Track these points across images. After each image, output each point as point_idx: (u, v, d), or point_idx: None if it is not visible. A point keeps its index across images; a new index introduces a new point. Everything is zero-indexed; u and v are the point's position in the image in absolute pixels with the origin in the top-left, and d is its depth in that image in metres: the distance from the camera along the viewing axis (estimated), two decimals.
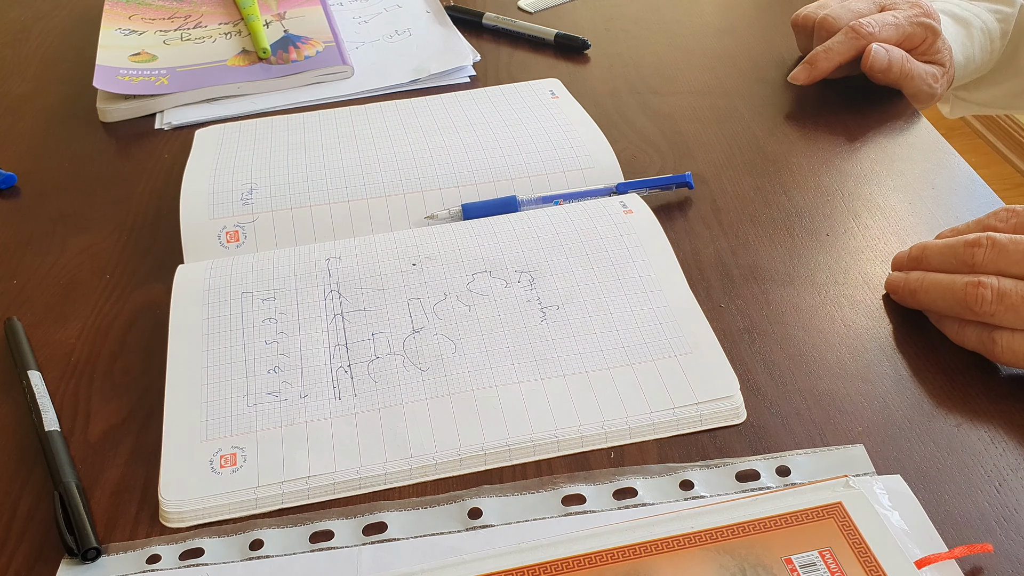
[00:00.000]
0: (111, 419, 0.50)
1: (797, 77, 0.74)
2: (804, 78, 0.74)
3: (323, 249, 0.59)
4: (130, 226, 0.66)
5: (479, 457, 0.46)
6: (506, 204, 0.62)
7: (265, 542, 0.43)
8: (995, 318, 0.48)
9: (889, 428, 0.47)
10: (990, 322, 0.48)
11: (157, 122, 0.77)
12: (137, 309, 0.58)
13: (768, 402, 0.49)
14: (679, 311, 0.53)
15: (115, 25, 0.88)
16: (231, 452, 0.47)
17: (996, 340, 0.48)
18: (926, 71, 0.73)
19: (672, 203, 0.64)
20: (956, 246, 0.51)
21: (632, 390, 0.49)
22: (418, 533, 0.43)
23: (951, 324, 0.51)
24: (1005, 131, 2.22)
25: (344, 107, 0.76)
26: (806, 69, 0.73)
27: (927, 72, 0.73)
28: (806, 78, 0.73)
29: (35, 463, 0.48)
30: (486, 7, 0.92)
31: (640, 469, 0.46)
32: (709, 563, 0.40)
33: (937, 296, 0.51)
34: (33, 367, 0.53)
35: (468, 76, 0.81)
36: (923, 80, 0.72)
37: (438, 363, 0.51)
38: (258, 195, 0.63)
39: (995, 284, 0.48)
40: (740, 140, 0.70)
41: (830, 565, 0.39)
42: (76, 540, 0.43)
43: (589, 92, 0.77)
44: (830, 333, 0.53)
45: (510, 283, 0.55)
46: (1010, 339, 0.48)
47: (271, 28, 0.87)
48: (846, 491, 0.42)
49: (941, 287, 0.50)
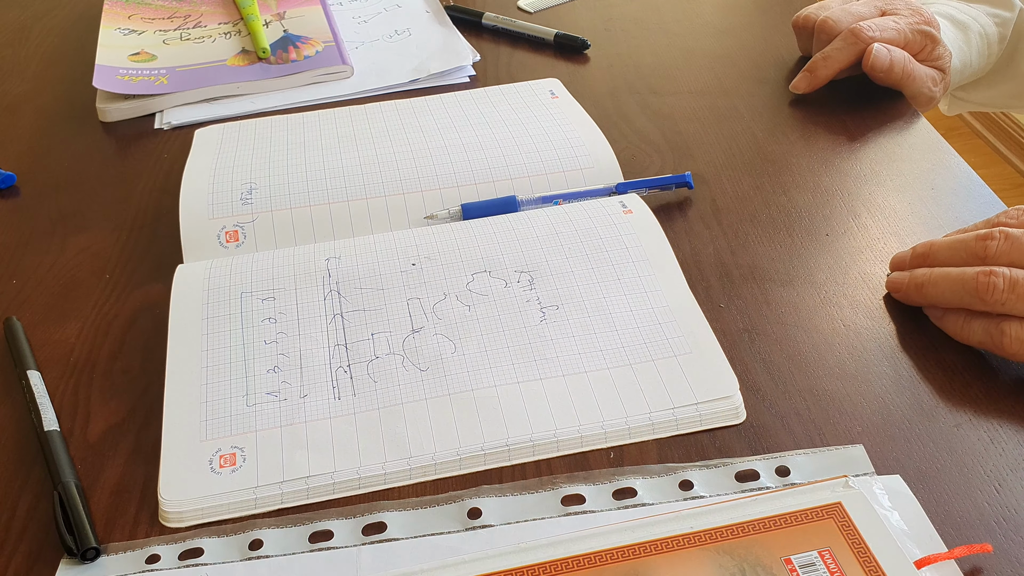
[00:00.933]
0: (111, 419, 0.50)
1: (798, 86, 0.74)
2: (805, 87, 0.74)
3: (323, 249, 0.59)
4: (130, 226, 0.66)
5: (479, 457, 0.46)
6: (506, 204, 0.62)
7: (265, 542, 0.43)
8: (1006, 307, 0.48)
9: (889, 428, 0.47)
10: (1000, 311, 0.49)
11: (157, 122, 0.77)
12: (137, 309, 0.58)
13: (768, 402, 0.49)
14: (679, 311, 0.53)
15: (115, 25, 0.88)
16: (231, 452, 0.47)
17: (1005, 331, 0.48)
18: (927, 73, 0.73)
19: (672, 203, 0.64)
20: (967, 240, 0.51)
21: (632, 390, 0.49)
22: (418, 533, 0.43)
23: (956, 319, 0.51)
24: (1005, 131, 2.22)
25: (344, 107, 0.76)
26: (806, 78, 0.73)
27: (928, 75, 0.73)
28: (807, 87, 0.74)
29: (35, 463, 0.48)
30: (486, 7, 0.92)
31: (640, 469, 0.46)
32: (709, 563, 0.40)
33: (946, 288, 0.51)
34: (33, 367, 0.53)
35: (468, 76, 0.81)
36: (924, 83, 0.72)
37: (438, 363, 0.51)
38: (258, 195, 0.63)
39: (1007, 273, 0.48)
40: (740, 140, 0.70)
41: (829, 565, 0.39)
42: (75, 540, 0.43)
43: (589, 92, 0.77)
44: (830, 333, 0.53)
45: (510, 283, 0.55)
46: (1019, 329, 0.48)
47: (271, 28, 0.87)
48: (846, 491, 0.42)
49: (950, 279, 0.50)
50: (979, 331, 0.50)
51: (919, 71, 0.72)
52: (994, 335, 0.49)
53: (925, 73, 0.73)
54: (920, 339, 0.52)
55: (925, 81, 0.73)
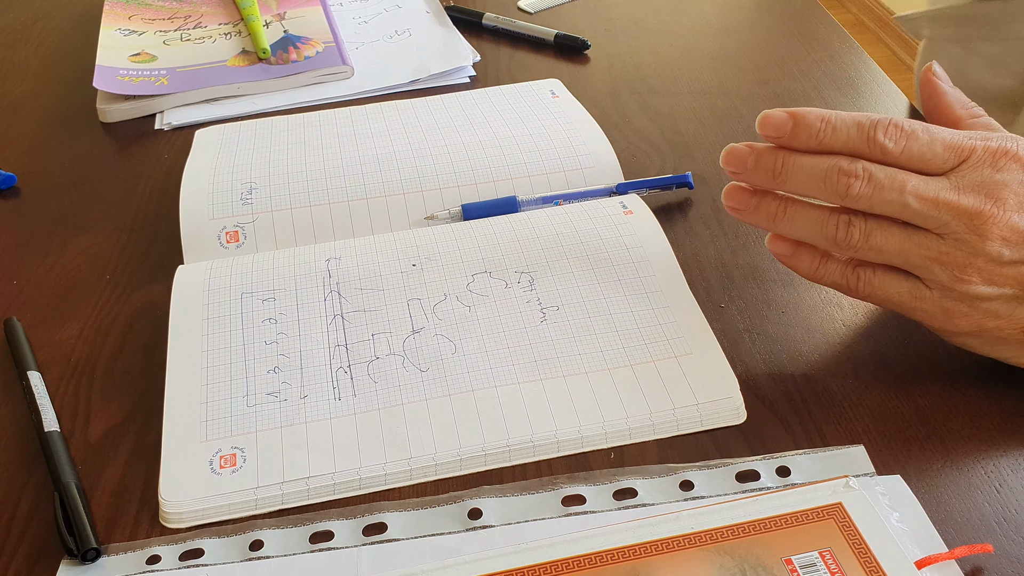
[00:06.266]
0: (111, 419, 0.50)
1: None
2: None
3: (323, 249, 0.59)
4: (130, 226, 0.66)
5: (479, 457, 0.46)
6: (506, 204, 0.62)
7: (265, 542, 0.43)
8: (859, 254, 0.47)
9: (889, 428, 0.47)
10: (854, 257, 0.47)
11: (157, 122, 0.77)
12: (137, 309, 0.58)
13: (768, 402, 0.49)
14: (679, 312, 0.53)
15: (115, 25, 0.88)
16: (231, 452, 0.47)
17: (860, 276, 0.47)
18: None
19: (672, 203, 0.64)
20: (829, 172, 0.45)
21: (632, 391, 0.49)
22: (418, 533, 0.43)
23: (810, 259, 0.49)
24: None
25: (344, 107, 0.76)
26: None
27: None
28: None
29: (35, 463, 0.48)
30: (486, 7, 0.92)
31: (640, 470, 0.46)
32: (709, 563, 0.40)
33: (802, 225, 0.47)
34: (33, 367, 0.53)
35: (468, 76, 0.81)
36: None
37: (438, 364, 0.51)
38: (258, 195, 0.63)
39: (863, 225, 0.46)
40: (740, 140, 0.70)
41: (830, 565, 0.39)
42: (76, 541, 0.43)
43: (589, 92, 0.77)
44: (830, 333, 0.53)
45: (510, 284, 0.55)
46: (871, 275, 0.47)
47: (271, 28, 0.87)
48: (846, 491, 0.42)
49: (808, 218, 0.47)
50: (835, 273, 0.48)
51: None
52: (849, 279, 0.48)
53: None
54: (920, 339, 0.52)
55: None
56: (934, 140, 0.45)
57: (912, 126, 0.45)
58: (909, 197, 0.44)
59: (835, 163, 0.45)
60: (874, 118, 0.45)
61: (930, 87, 0.51)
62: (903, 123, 0.45)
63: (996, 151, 0.44)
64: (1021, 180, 0.44)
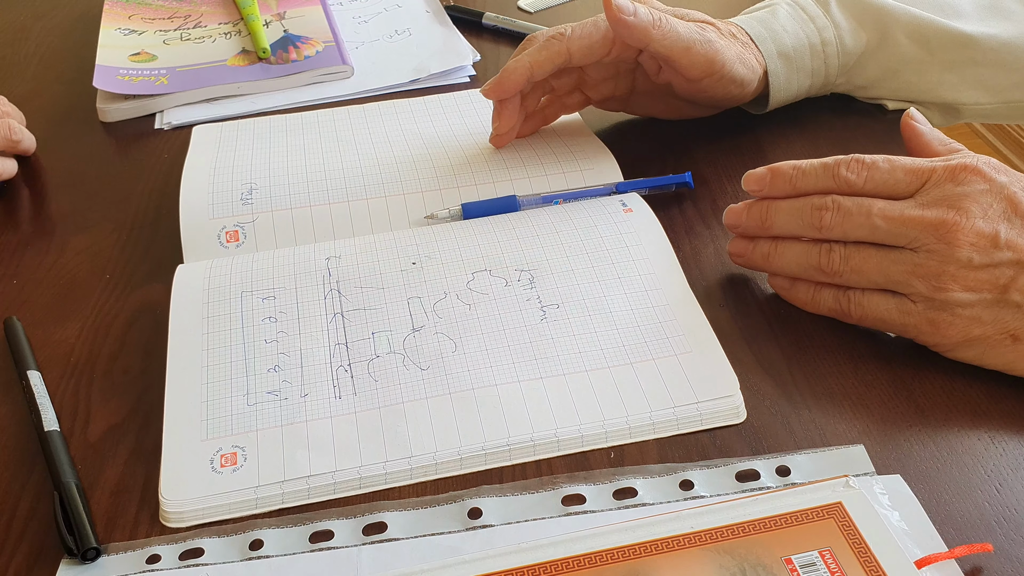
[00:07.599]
0: (111, 419, 0.50)
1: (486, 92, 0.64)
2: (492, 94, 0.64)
3: (323, 248, 0.59)
4: (130, 226, 0.66)
5: (479, 457, 0.46)
6: (506, 204, 0.62)
7: (265, 542, 0.43)
8: (844, 279, 0.51)
9: (889, 428, 0.47)
10: (841, 283, 0.51)
11: (157, 122, 0.77)
12: (137, 309, 0.58)
13: (768, 402, 0.49)
14: (679, 310, 0.53)
15: (115, 25, 0.88)
16: (231, 451, 0.47)
17: (851, 298, 0.51)
18: (696, 34, 0.61)
19: (672, 203, 0.64)
20: (803, 209, 0.51)
21: (632, 389, 0.49)
22: (418, 533, 0.43)
23: (806, 290, 0.53)
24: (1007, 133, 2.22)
25: (344, 107, 0.76)
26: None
27: (699, 36, 0.61)
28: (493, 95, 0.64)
29: (35, 463, 0.48)
30: (486, 7, 0.92)
31: (640, 469, 0.46)
32: (709, 563, 0.40)
33: (792, 259, 0.52)
34: (33, 367, 0.53)
35: (468, 76, 0.81)
36: (694, 42, 0.60)
37: (438, 362, 0.51)
38: (258, 195, 0.63)
39: (842, 249, 0.50)
40: (741, 140, 0.70)
41: (830, 565, 0.39)
42: (76, 540, 0.43)
43: None
44: (830, 333, 0.53)
45: (510, 282, 0.55)
46: (861, 297, 0.51)
47: (271, 28, 0.87)
48: (846, 491, 0.42)
49: (795, 251, 0.52)
50: (829, 300, 0.52)
51: (682, 27, 0.60)
52: (842, 303, 0.51)
53: (694, 31, 0.60)
54: None
55: (694, 39, 0.60)
56: (895, 168, 0.50)
57: (873, 159, 0.50)
58: (876, 219, 0.49)
59: (809, 200, 0.51)
60: (838, 158, 0.51)
61: (909, 130, 0.55)
62: (864, 158, 0.51)
63: (955, 167, 0.48)
64: (982, 189, 0.47)
